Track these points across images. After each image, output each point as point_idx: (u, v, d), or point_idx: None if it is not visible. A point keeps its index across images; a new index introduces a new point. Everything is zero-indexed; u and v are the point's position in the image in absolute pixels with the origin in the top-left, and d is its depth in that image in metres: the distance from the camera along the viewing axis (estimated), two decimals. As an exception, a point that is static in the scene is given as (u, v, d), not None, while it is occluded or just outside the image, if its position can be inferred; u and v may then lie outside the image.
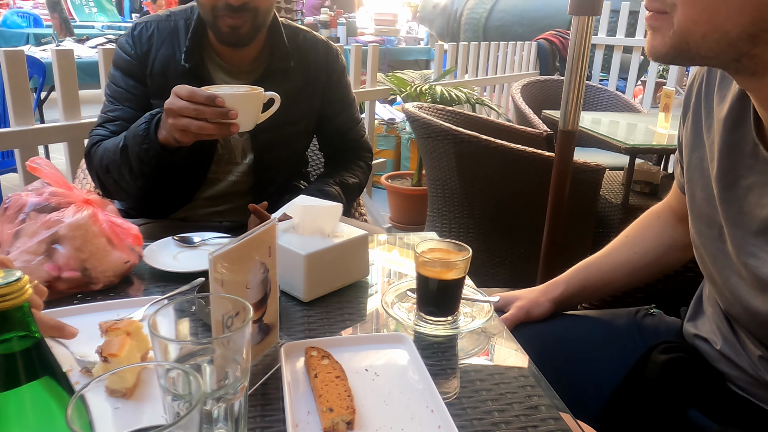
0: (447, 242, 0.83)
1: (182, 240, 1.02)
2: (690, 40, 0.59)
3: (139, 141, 1.10)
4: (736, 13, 0.56)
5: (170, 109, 1.01)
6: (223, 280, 0.60)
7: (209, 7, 1.14)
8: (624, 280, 1.04)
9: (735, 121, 0.71)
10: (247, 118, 1.03)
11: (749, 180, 0.68)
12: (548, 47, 4.62)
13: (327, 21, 5.23)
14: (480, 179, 2.19)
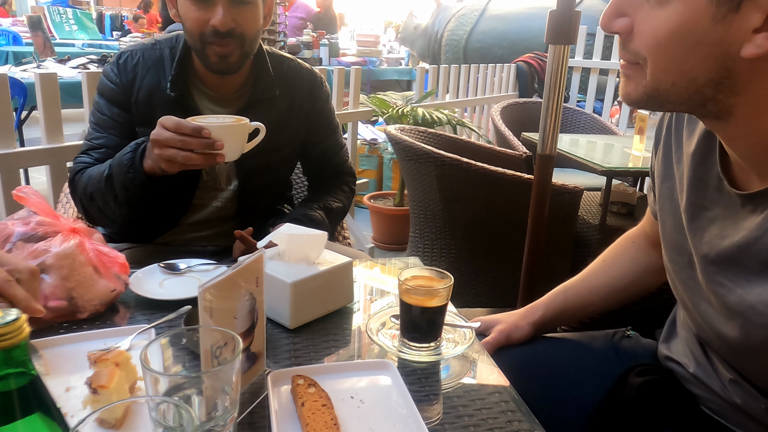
0: (429, 269, 0.85)
1: (168, 267, 1.03)
2: (661, 87, 0.63)
3: (125, 170, 1.11)
4: (702, 62, 0.59)
5: (156, 140, 1.02)
6: (212, 309, 0.62)
7: (197, 34, 1.16)
8: (601, 303, 1.07)
9: (702, 155, 0.75)
10: (233, 148, 1.05)
11: (713, 212, 0.72)
12: (527, 69, 4.72)
13: (309, 42, 5.28)
14: (461, 201, 2.23)
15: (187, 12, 1.16)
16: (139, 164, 1.09)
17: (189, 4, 1.15)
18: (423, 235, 2.44)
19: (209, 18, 1.13)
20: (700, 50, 0.58)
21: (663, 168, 0.85)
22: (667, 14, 0.59)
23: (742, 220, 0.67)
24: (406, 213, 3.32)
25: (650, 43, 0.61)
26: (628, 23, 0.62)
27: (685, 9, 0.57)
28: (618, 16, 0.63)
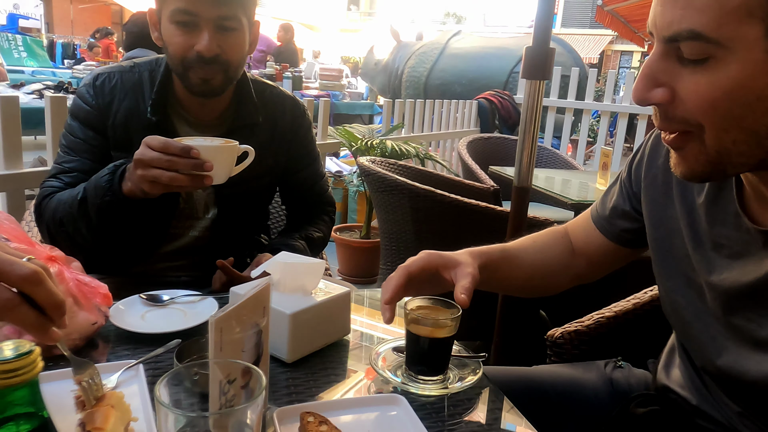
0: (434, 299, 0.82)
1: (150, 298, 0.97)
2: (723, 149, 0.60)
3: (102, 193, 1.05)
4: (763, 115, 0.57)
5: (140, 160, 0.97)
6: (222, 342, 0.57)
7: (179, 58, 1.13)
8: (522, 281, 1.01)
9: (714, 193, 0.74)
10: (222, 170, 1.02)
11: (733, 249, 0.71)
12: (488, 106, 4.84)
13: (273, 74, 5.27)
14: (434, 233, 2.22)
15: (171, 36, 1.12)
16: (117, 187, 1.04)
17: (174, 28, 1.12)
18: (395, 268, 2.40)
19: (194, 43, 1.11)
20: (762, 104, 0.57)
21: (659, 197, 0.84)
22: (720, 75, 0.57)
23: (766, 257, 0.67)
24: (373, 245, 3.30)
25: (705, 108, 0.58)
26: (667, 93, 0.60)
27: (742, 68, 0.55)
28: (654, 87, 0.61)
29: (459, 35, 8.00)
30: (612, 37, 23.35)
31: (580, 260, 1.01)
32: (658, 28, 0.60)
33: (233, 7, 1.12)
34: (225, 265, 1.16)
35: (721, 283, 0.72)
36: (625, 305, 1.24)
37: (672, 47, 0.59)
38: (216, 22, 1.11)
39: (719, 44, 0.55)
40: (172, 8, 1.10)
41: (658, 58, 0.61)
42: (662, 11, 0.59)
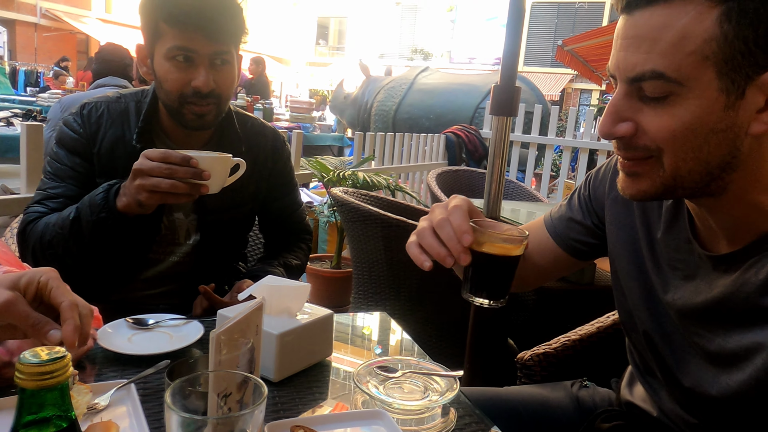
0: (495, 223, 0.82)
1: (136, 322, 0.99)
2: (678, 176, 0.67)
3: (97, 210, 1.09)
4: (716, 147, 0.65)
5: (140, 170, 1.02)
6: (221, 359, 0.61)
7: (176, 94, 1.17)
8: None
9: (671, 218, 0.82)
10: (217, 180, 1.08)
11: (685, 272, 0.79)
12: (455, 140, 4.98)
13: (244, 106, 5.32)
14: (407, 262, 2.26)
15: (167, 73, 1.17)
16: (112, 203, 1.07)
17: (170, 65, 1.16)
18: (366, 297, 2.45)
19: (191, 79, 1.15)
20: (715, 137, 0.64)
21: (621, 216, 0.90)
22: (679, 110, 0.64)
23: (715, 279, 0.74)
24: (344, 275, 3.33)
25: (666, 137, 0.65)
26: (631, 126, 0.67)
27: (699, 103, 0.63)
28: (619, 122, 0.68)
29: (427, 71, 8.25)
30: (572, 75, 24.25)
31: (526, 265, 1.01)
32: (621, 71, 0.67)
33: (227, 43, 1.18)
34: (207, 291, 1.19)
35: (675, 302, 0.80)
36: (589, 329, 1.32)
37: (634, 87, 0.66)
38: (211, 57, 1.16)
39: (679, 83, 0.63)
40: (168, 45, 1.14)
41: (622, 97, 0.68)
42: (625, 56, 0.66)
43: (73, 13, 19.71)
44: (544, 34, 25.36)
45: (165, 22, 1.14)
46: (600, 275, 2.75)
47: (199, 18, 1.12)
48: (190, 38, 1.13)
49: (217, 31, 1.14)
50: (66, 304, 0.64)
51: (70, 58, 11.95)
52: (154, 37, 1.17)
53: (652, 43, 0.63)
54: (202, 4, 1.13)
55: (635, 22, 0.65)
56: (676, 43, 0.62)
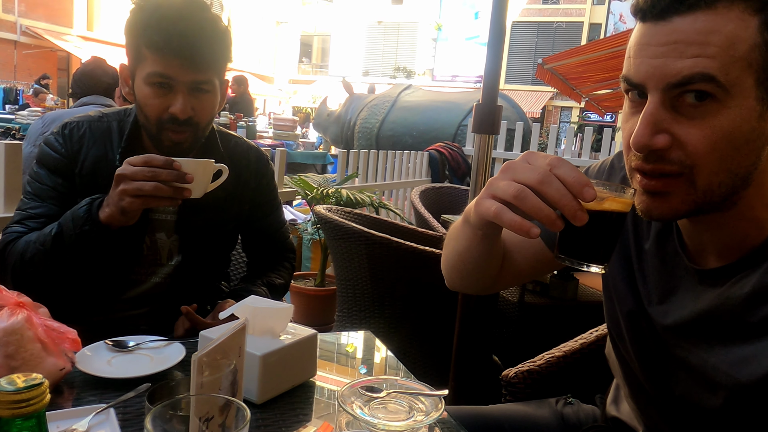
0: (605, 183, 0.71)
1: (116, 344, 0.97)
2: (709, 191, 0.65)
3: (80, 223, 1.08)
4: (746, 158, 0.65)
5: (123, 175, 1.03)
6: (203, 381, 0.60)
7: (155, 120, 1.16)
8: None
9: (662, 229, 0.82)
10: (200, 184, 1.09)
11: (671, 283, 0.79)
12: (438, 157, 5.02)
13: (227, 124, 5.31)
14: (391, 279, 2.27)
15: (146, 97, 1.16)
16: (95, 215, 1.07)
17: (149, 90, 1.15)
18: (351, 315, 2.44)
19: (169, 105, 1.15)
20: (747, 147, 0.64)
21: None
22: (721, 119, 0.63)
23: (700, 293, 0.75)
24: (328, 293, 3.31)
25: (706, 149, 0.63)
26: (668, 138, 0.65)
27: (738, 111, 0.62)
28: (656, 134, 0.65)
29: (409, 89, 8.31)
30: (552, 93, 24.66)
31: (504, 261, 0.97)
32: (658, 78, 0.64)
33: (209, 72, 1.17)
34: (189, 311, 1.17)
35: (659, 314, 0.80)
36: (573, 345, 1.32)
37: (671, 95, 0.64)
38: (191, 85, 1.15)
39: (726, 89, 0.62)
40: (149, 70, 1.13)
41: (658, 106, 0.65)
42: (664, 62, 0.64)
43: (54, 30, 19.58)
44: (524, 53, 25.81)
45: (146, 47, 1.13)
46: (583, 291, 2.77)
47: (180, 46, 1.11)
48: (169, 65, 1.12)
49: (198, 60, 1.14)
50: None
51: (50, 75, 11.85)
52: (136, 60, 1.16)
53: (700, 47, 0.62)
54: (185, 33, 1.12)
55: (674, 27, 0.63)
56: (727, 47, 0.62)
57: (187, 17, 1.13)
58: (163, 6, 1.13)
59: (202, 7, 1.17)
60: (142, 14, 1.14)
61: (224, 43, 1.20)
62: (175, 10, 1.13)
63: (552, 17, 26.17)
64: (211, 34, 1.16)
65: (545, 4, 26.41)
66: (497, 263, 0.95)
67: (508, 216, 0.67)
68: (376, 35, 29.10)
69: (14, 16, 18.80)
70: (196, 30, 1.13)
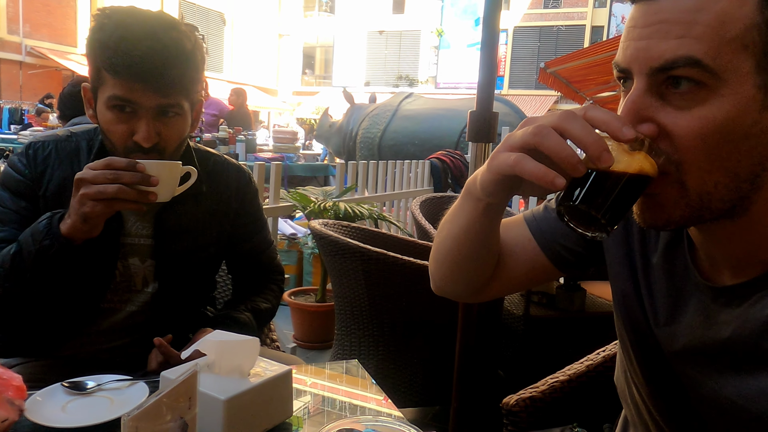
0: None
1: (73, 386, 0.89)
2: (704, 193, 0.58)
3: (40, 237, 1.01)
4: (746, 155, 0.56)
5: (83, 179, 0.97)
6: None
7: (120, 147, 1.09)
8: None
9: (670, 242, 0.73)
10: (166, 187, 1.03)
11: (681, 300, 0.71)
12: (440, 165, 4.95)
13: (226, 138, 5.26)
14: (388, 296, 2.19)
15: (108, 123, 1.08)
16: (56, 228, 1.00)
17: (111, 115, 1.07)
18: (349, 332, 2.35)
19: (133, 130, 1.06)
20: (747, 142, 0.56)
21: (618, 233, 0.80)
22: (711, 109, 0.55)
23: (714, 314, 0.66)
24: (329, 309, 3.22)
25: (695, 143, 0.56)
26: (654, 128, 0.58)
27: (734, 101, 0.55)
28: (639, 123, 0.58)
29: (411, 98, 8.27)
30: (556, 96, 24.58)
31: (496, 266, 0.87)
32: (642, 61, 0.58)
33: (175, 97, 1.08)
34: (162, 344, 1.10)
35: (666, 336, 0.72)
36: (579, 368, 1.23)
37: (658, 80, 0.58)
38: (155, 110, 1.07)
39: (715, 74, 0.55)
40: (108, 94, 1.05)
41: (642, 93, 0.58)
42: (648, 44, 0.57)
43: (58, 50, 19.75)
44: (527, 57, 25.77)
45: (106, 69, 1.04)
46: (591, 301, 2.67)
47: (142, 70, 1.02)
48: (131, 89, 1.04)
49: (163, 84, 1.05)
50: None
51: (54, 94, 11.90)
52: (97, 82, 1.08)
53: (686, 26, 0.55)
54: (147, 55, 1.02)
55: (661, 6, 0.57)
56: (716, 27, 0.54)
57: (150, 37, 1.03)
58: (124, 25, 1.04)
59: (168, 25, 1.07)
60: (102, 34, 1.05)
61: (192, 64, 1.10)
62: (136, 29, 1.04)
63: (554, 21, 26.11)
64: (177, 54, 1.06)
65: (546, 8, 26.35)
66: (494, 253, 0.83)
67: (530, 164, 0.58)
68: (378, 45, 29.17)
69: (19, 36, 18.97)
70: (159, 51, 1.03)
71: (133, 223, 1.21)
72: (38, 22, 19.39)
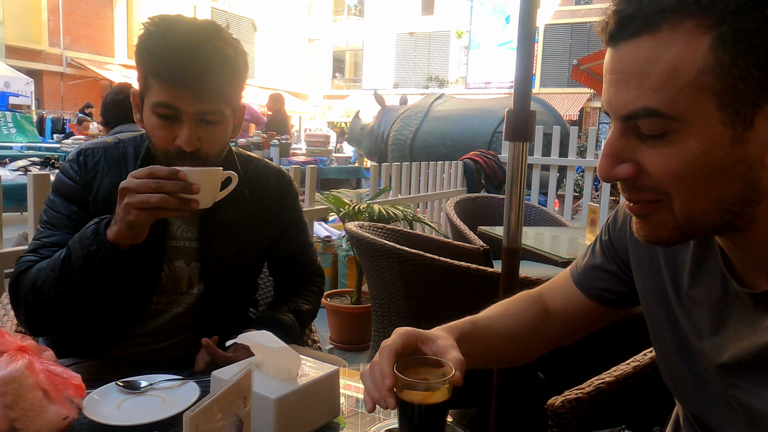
0: (423, 358, 0.76)
1: (127, 386, 0.91)
2: (692, 218, 0.61)
3: (87, 243, 1.04)
4: (728, 184, 0.58)
5: (127, 188, 1.00)
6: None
7: (162, 151, 1.12)
8: (495, 352, 0.97)
9: (699, 255, 0.72)
10: (207, 194, 1.05)
11: (721, 312, 0.69)
12: (473, 166, 4.91)
13: (260, 142, 5.34)
14: (425, 297, 2.18)
15: (153, 127, 1.12)
16: (103, 235, 1.03)
17: (155, 119, 1.11)
18: (386, 334, 2.35)
19: (175, 136, 1.10)
20: (725, 174, 0.58)
21: (645, 261, 0.83)
22: (681, 148, 0.58)
23: (758, 320, 0.64)
24: (365, 310, 3.23)
25: (670, 179, 0.59)
26: (632, 168, 0.61)
27: (701, 139, 0.57)
28: (618, 164, 0.62)
29: (442, 98, 8.23)
30: (590, 94, 24.15)
31: (556, 323, 0.98)
32: (613, 108, 0.61)
33: (216, 103, 1.11)
34: (209, 344, 1.12)
35: (710, 349, 0.70)
36: (625, 369, 1.20)
37: (629, 125, 0.61)
38: (197, 116, 1.10)
39: (676, 119, 0.57)
40: (154, 100, 1.09)
41: (619, 136, 0.62)
42: (616, 92, 0.60)
43: (97, 60, 20.39)
44: (558, 55, 25.39)
45: (152, 76, 1.09)
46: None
47: (185, 77, 1.05)
48: (175, 96, 1.07)
49: (205, 91, 1.08)
50: None
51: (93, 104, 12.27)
52: (144, 87, 1.12)
53: (640, 78, 0.58)
54: (191, 63, 1.06)
55: (621, 56, 0.60)
56: (667, 78, 0.56)
57: (193, 45, 1.07)
58: (169, 33, 1.07)
59: (211, 33, 1.10)
60: (149, 42, 1.08)
61: (234, 71, 1.13)
62: (181, 37, 1.07)
63: (586, 17, 25.67)
64: (219, 62, 1.09)
65: (578, 5, 25.92)
66: (501, 344, 0.96)
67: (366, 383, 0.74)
68: (407, 46, 29.17)
69: (60, 49, 19.66)
70: (202, 59, 1.07)
71: (178, 227, 1.24)
72: (77, 34, 20.05)
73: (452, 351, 0.76)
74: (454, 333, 0.85)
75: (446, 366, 0.73)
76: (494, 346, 0.95)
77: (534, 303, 1.00)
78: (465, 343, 0.84)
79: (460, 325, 0.90)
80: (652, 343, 0.87)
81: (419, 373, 0.74)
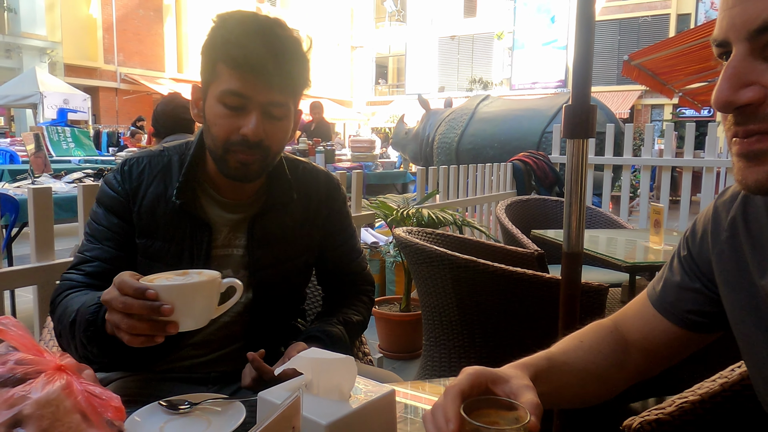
0: (493, 399, 0.69)
1: (170, 405, 0.86)
2: None
3: (84, 326, 0.97)
4: None
5: (105, 300, 0.86)
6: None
7: (222, 140, 1.08)
8: (574, 390, 0.87)
9: None
10: (193, 312, 0.85)
11: None
12: (523, 168, 4.76)
13: (305, 149, 5.34)
14: (479, 305, 2.08)
15: (217, 117, 1.08)
16: (101, 323, 0.93)
17: (221, 108, 1.07)
18: (438, 343, 2.27)
19: (240, 125, 1.06)
20: None
21: (732, 274, 0.73)
22: None
23: None
24: (414, 318, 3.15)
25: None
26: (759, 91, 0.55)
27: None
28: (742, 87, 0.56)
29: (487, 100, 8.08)
30: (640, 92, 23.37)
31: (636, 355, 0.88)
32: (739, 27, 0.56)
33: (286, 94, 1.09)
34: (256, 359, 1.06)
35: None
36: (711, 386, 1.08)
37: (758, 44, 0.56)
38: (265, 107, 1.07)
39: None
40: (223, 88, 1.06)
41: (743, 58, 0.56)
42: (742, 9, 0.56)
43: (149, 75, 21.14)
44: (607, 52, 24.66)
45: (224, 62, 1.06)
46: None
47: (259, 63, 1.04)
48: (245, 83, 1.04)
49: (277, 80, 1.06)
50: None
51: (145, 117, 12.67)
52: (211, 77, 1.09)
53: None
54: (265, 50, 1.04)
55: None
56: None
57: (270, 34, 1.06)
58: (246, 22, 1.06)
59: (285, 27, 1.09)
60: (224, 29, 1.07)
61: (305, 64, 1.12)
62: (256, 27, 1.06)
63: (635, 12, 24.88)
64: (293, 54, 1.08)
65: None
66: (581, 381, 0.86)
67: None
68: (450, 50, 28.99)
69: (114, 65, 20.49)
70: (277, 47, 1.06)
71: (225, 235, 1.19)
72: (131, 50, 20.86)
73: (528, 393, 0.67)
74: (528, 371, 0.76)
75: (520, 410, 0.64)
76: (572, 384, 0.85)
77: (609, 334, 0.90)
78: (541, 381, 0.75)
79: (534, 361, 0.80)
80: (744, 362, 0.77)
81: (488, 416, 0.65)
